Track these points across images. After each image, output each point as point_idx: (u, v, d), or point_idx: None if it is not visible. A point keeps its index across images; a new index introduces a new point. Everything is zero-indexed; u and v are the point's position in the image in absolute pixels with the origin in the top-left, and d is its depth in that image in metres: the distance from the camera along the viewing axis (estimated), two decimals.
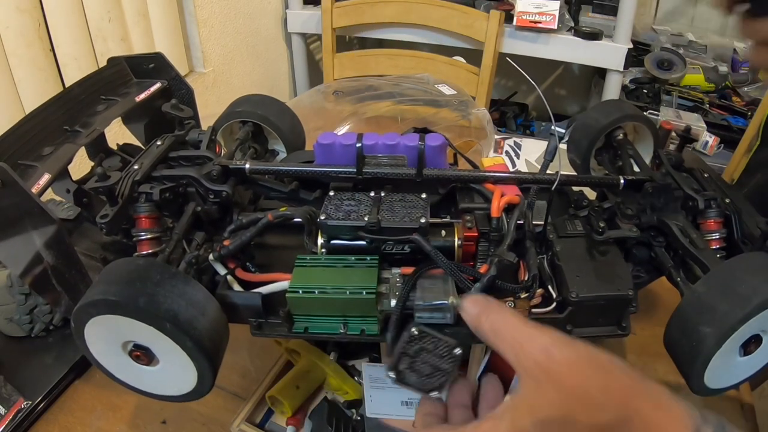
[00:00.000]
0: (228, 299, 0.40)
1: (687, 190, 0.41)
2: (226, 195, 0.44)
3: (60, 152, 0.40)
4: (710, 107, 1.45)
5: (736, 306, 0.33)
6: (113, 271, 0.36)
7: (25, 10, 0.81)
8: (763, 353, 0.37)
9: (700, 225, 0.41)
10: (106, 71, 0.47)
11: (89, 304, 0.34)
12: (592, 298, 0.38)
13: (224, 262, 0.43)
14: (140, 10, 1.04)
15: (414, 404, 0.49)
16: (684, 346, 0.36)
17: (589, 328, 0.40)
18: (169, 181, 0.44)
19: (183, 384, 0.38)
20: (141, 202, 0.41)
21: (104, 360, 0.38)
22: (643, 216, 0.42)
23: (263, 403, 0.54)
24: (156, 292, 0.34)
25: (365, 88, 0.98)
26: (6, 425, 0.49)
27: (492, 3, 1.33)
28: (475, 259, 0.43)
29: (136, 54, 0.50)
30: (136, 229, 0.41)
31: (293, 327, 0.40)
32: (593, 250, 0.42)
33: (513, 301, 0.39)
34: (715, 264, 0.38)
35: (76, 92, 0.44)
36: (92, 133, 0.42)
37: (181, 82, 0.51)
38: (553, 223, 0.44)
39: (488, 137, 0.92)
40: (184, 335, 0.34)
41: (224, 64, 1.32)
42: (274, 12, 1.51)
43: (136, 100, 0.47)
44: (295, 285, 0.39)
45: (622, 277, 0.40)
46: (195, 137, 0.48)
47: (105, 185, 0.39)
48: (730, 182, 1.05)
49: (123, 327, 0.35)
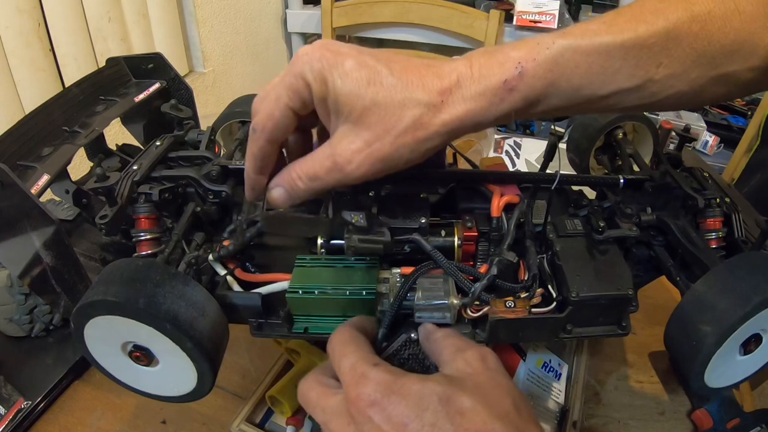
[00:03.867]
0: (228, 300, 0.40)
1: (687, 190, 0.41)
2: (226, 195, 0.44)
3: (59, 153, 0.40)
4: (710, 107, 1.45)
5: (736, 305, 0.33)
6: (113, 271, 0.36)
7: (24, 11, 0.81)
8: (763, 352, 0.37)
9: (700, 224, 0.41)
10: (105, 72, 0.47)
11: (89, 305, 0.34)
12: (592, 298, 0.38)
13: (224, 263, 0.43)
14: (140, 10, 1.04)
15: None
16: (684, 345, 0.36)
17: (589, 327, 0.40)
18: (168, 182, 0.44)
19: (183, 385, 0.38)
20: (140, 203, 0.41)
21: (104, 361, 0.37)
22: (642, 215, 0.42)
23: (263, 403, 0.54)
24: (156, 293, 0.34)
25: None
26: (6, 425, 0.49)
27: (492, 3, 1.33)
28: (475, 259, 0.43)
29: (135, 54, 0.50)
30: (136, 229, 0.41)
31: (293, 327, 0.40)
32: (593, 249, 0.41)
33: (513, 301, 0.38)
34: (714, 263, 0.38)
35: (74, 93, 0.43)
36: (91, 134, 0.42)
37: (180, 83, 0.50)
38: (552, 223, 0.44)
39: (488, 137, 0.92)
40: (184, 336, 0.34)
41: (224, 64, 1.32)
42: (274, 12, 1.52)
43: (135, 101, 0.47)
44: (295, 285, 0.39)
45: (623, 277, 0.39)
46: (194, 137, 0.48)
47: (104, 186, 0.39)
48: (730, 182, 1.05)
49: (123, 328, 0.35)
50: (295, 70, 0.30)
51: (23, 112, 0.82)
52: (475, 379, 0.29)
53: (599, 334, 0.40)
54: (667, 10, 0.31)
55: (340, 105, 0.30)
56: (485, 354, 0.32)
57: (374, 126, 0.30)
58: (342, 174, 0.31)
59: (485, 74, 0.30)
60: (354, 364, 0.30)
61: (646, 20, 0.30)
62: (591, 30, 0.30)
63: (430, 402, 0.27)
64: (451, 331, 0.35)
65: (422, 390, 0.28)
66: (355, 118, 0.30)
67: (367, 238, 0.37)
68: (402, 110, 0.29)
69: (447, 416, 0.27)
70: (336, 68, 0.29)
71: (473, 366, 0.30)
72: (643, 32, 0.30)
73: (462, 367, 0.30)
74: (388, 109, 0.29)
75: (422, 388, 0.28)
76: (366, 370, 0.29)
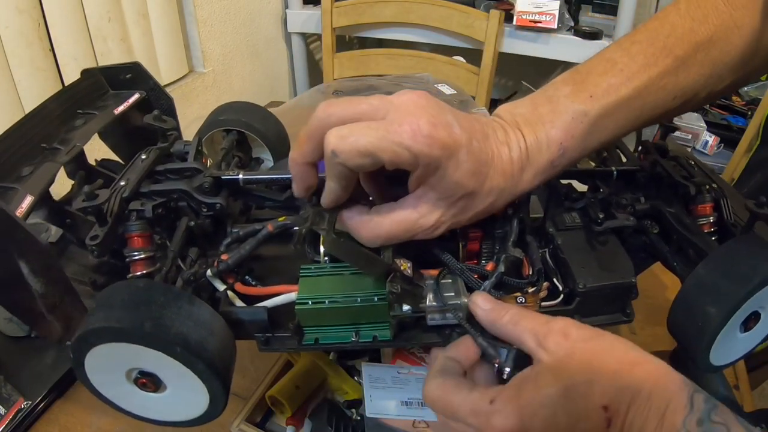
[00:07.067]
0: (233, 316, 0.39)
1: (677, 178, 0.43)
2: (220, 207, 0.43)
3: (40, 172, 0.37)
4: (710, 107, 1.45)
5: (738, 285, 0.35)
6: (112, 295, 0.34)
7: (24, 10, 0.80)
8: (761, 328, 0.38)
9: (692, 210, 0.43)
10: (81, 84, 0.44)
11: (90, 333, 0.32)
12: (598, 288, 0.39)
13: (223, 278, 0.42)
14: (140, 10, 1.02)
15: (414, 404, 0.49)
16: (690, 327, 0.37)
17: (596, 316, 0.41)
18: (158, 197, 0.42)
19: (193, 408, 0.36)
20: (132, 221, 0.39)
21: (107, 391, 0.35)
22: (637, 205, 0.44)
23: (263, 403, 0.53)
24: (162, 315, 0.33)
25: (365, 87, 0.97)
26: (6, 425, 0.49)
27: (492, 2, 1.33)
28: (479, 258, 0.44)
29: (112, 64, 0.47)
30: (129, 248, 0.39)
31: (303, 339, 0.39)
32: (593, 240, 0.42)
33: (524, 296, 0.39)
34: (710, 247, 0.40)
35: (51, 107, 0.41)
36: (72, 150, 0.39)
37: (161, 92, 0.48)
38: (551, 217, 0.44)
39: None
40: (195, 358, 0.33)
41: (224, 64, 1.30)
42: (274, 12, 1.49)
43: (114, 113, 0.44)
44: (304, 296, 0.38)
45: (624, 265, 0.41)
46: (181, 149, 0.46)
47: (93, 204, 0.37)
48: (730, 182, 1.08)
49: (127, 354, 0.33)
50: (410, 146, 0.30)
51: (23, 112, 0.80)
52: (574, 359, 0.30)
53: (606, 323, 0.41)
54: (674, 45, 0.35)
55: (442, 187, 0.32)
56: (565, 329, 0.31)
57: (461, 205, 0.34)
58: (421, 236, 0.35)
59: (535, 156, 0.35)
60: (473, 411, 0.31)
61: (657, 63, 0.35)
62: (613, 87, 0.35)
63: (550, 402, 0.29)
64: (511, 313, 0.34)
65: (539, 397, 0.29)
66: (450, 198, 0.33)
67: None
68: (487, 196, 0.34)
69: (571, 402, 0.28)
70: (452, 159, 0.31)
71: (563, 346, 0.31)
72: (656, 75, 0.35)
73: (554, 349, 0.31)
74: (479, 196, 0.34)
75: (536, 395, 0.29)
76: (486, 411, 0.30)
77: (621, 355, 0.30)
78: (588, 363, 0.29)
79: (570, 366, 0.30)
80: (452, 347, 0.36)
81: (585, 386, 0.29)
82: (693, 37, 0.35)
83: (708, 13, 0.36)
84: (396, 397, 0.48)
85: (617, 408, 0.28)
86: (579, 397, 0.28)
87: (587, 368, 0.29)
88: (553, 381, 0.29)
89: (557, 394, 0.29)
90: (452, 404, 0.32)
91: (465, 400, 0.31)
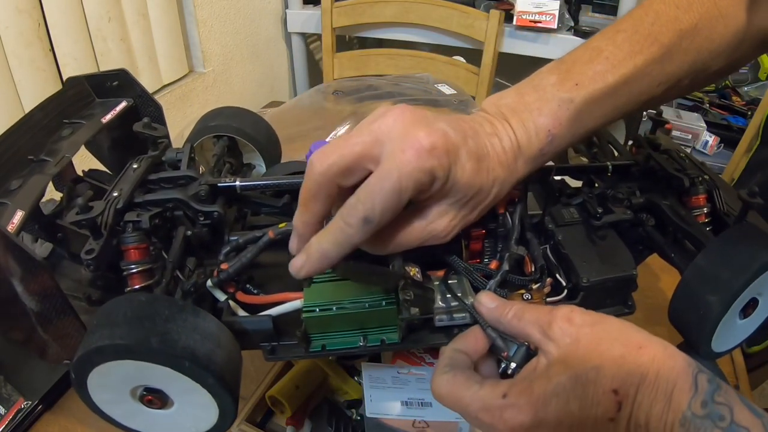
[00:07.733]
0: (237, 326, 0.38)
1: (671, 171, 0.44)
2: (218, 215, 0.42)
3: (29, 185, 0.35)
4: (710, 107, 1.45)
5: (737, 273, 0.36)
6: (113, 311, 0.32)
7: (24, 10, 0.79)
8: (759, 314, 0.40)
9: (686, 202, 0.44)
10: (66, 93, 0.43)
11: (94, 352, 0.31)
12: (601, 281, 0.40)
13: (223, 287, 0.41)
14: (140, 10, 1.01)
15: (414, 404, 0.49)
16: (691, 316, 0.38)
17: (599, 310, 0.41)
18: (154, 207, 0.40)
19: (202, 423, 0.35)
20: (129, 232, 0.38)
21: (112, 410, 0.34)
22: (633, 198, 0.44)
23: (263, 403, 0.52)
24: (168, 330, 0.32)
25: (365, 87, 0.97)
26: (6, 425, 0.48)
27: (492, 2, 1.32)
28: (482, 257, 0.44)
29: (98, 72, 0.45)
30: (126, 261, 0.38)
31: (310, 346, 0.39)
32: (593, 235, 0.43)
33: (530, 293, 0.39)
34: (706, 237, 0.41)
35: (37, 118, 0.39)
36: (61, 161, 0.38)
37: (149, 99, 0.47)
38: (550, 213, 0.45)
39: None
40: (204, 372, 0.32)
41: (224, 64, 1.29)
42: (274, 12, 1.48)
43: (102, 122, 0.43)
44: (311, 303, 0.37)
45: (625, 258, 0.41)
46: (173, 156, 0.45)
47: (88, 217, 0.36)
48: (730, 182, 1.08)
49: (132, 371, 0.32)
50: (422, 166, 0.30)
51: (23, 112, 0.77)
52: (580, 345, 0.30)
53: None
54: (659, 33, 0.35)
55: (454, 191, 0.33)
56: (568, 314, 0.32)
57: (471, 204, 0.34)
58: (432, 242, 0.35)
59: (525, 145, 0.35)
60: (484, 406, 0.30)
61: (643, 51, 0.35)
62: (599, 74, 0.35)
63: (563, 391, 0.29)
64: (515, 308, 0.34)
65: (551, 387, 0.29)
66: (462, 200, 0.34)
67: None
68: (491, 188, 0.35)
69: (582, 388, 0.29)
70: (457, 163, 0.32)
71: (569, 332, 0.31)
72: (641, 63, 0.35)
73: (559, 335, 0.31)
74: (484, 190, 0.34)
75: (548, 386, 0.29)
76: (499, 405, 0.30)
77: (626, 338, 0.30)
78: (595, 349, 0.30)
79: (577, 353, 0.30)
80: (460, 339, 0.36)
81: (594, 372, 0.29)
82: (677, 24, 0.36)
83: (692, 2, 0.36)
84: (396, 397, 0.48)
85: (626, 391, 0.28)
86: (589, 383, 0.29)
87: (595, 354, 0.29)
88: (563, 369, 0.29)
89: (568, 382, 0.29)
90: (463, 400, 0.31)
91: (476, 396, 0.31)
